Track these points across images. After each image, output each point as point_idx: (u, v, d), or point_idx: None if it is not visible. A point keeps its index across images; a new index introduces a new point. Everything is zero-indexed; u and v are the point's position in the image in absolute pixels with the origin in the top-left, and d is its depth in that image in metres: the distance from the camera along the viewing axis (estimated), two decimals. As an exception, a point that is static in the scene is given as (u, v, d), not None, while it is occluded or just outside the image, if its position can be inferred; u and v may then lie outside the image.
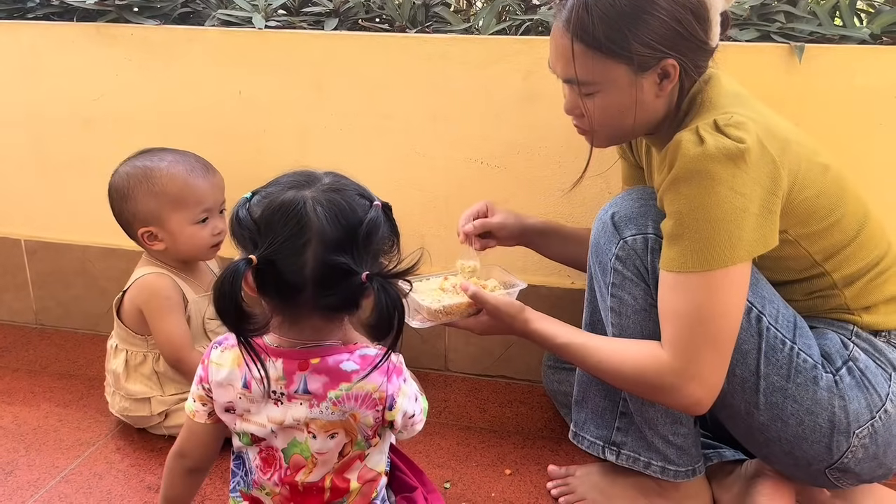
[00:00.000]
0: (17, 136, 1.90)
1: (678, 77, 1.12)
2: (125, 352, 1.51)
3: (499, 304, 1.23)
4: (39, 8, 1.86)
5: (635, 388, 1.18)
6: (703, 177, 1.05)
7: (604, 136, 1.21)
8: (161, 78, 1.76)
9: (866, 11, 1.64)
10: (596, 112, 1.15)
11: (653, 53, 1.09)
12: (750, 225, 1.07)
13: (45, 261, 1.97)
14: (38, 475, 1.42)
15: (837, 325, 1.21)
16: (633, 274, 1.20)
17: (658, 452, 1.27)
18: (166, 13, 1.79)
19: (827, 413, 1.15)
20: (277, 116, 1.73)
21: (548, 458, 1.48)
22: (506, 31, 1.64)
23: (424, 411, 1.07)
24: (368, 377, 0.98)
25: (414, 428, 1.06)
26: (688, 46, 1.10)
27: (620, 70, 1.11)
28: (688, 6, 1.08)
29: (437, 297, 1.30)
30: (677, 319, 1.11)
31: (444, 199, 1.70)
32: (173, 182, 1.44)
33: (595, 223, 1.26)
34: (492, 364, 1.79)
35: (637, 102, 1.13)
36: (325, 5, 1.75)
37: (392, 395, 1.00)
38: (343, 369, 0.99)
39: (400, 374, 1.01)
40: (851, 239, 1.17)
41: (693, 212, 1.07)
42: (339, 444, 1.02)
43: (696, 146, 1.05)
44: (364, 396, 0.99)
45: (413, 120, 1.67)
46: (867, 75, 1.44)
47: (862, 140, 1.47)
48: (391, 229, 0.98)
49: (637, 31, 1.07)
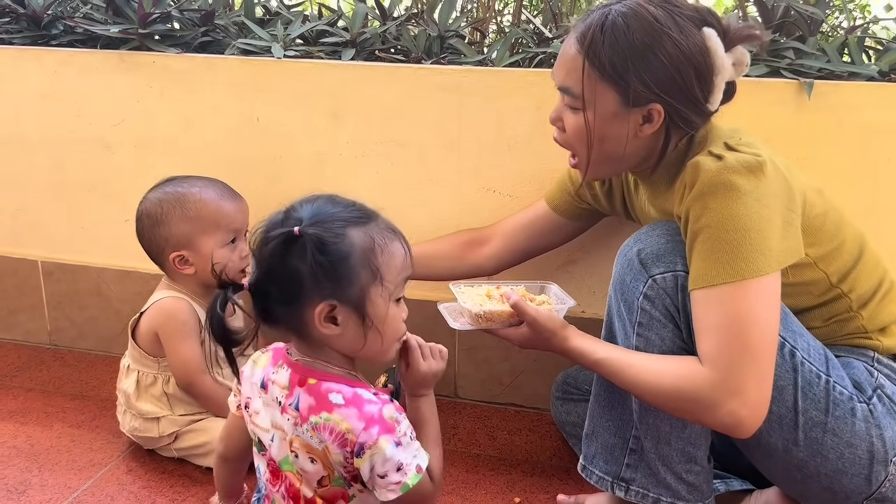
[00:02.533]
0: (38, 159, 1.93)
1: (662, 124, 1.14)
2: (137, 372, 1.53)
3: (539, 317, 1.22)
4: (63, 35, 1.90)
5: (674, 406, 1.14)
6: (729, 188, 1.06)
7: (583, 159, 1.21)
8: (181, 104, 1.80)
9: (875, 49, 1.66)
10: (572, 129, 1.19)
11: (645, 93, 1.11)
12: (776, 235, 1.08)
13: (61, 282, 1.99)
14: (50, 495, 1.43)
15: (858, 351, 1.22)
16: (661, 314, 1.17)
17: (669, 489, 1.25)
18: (187, 42, 1.83)
19: (866, 444, 1.14)
20: (294, 143, 1.76)
21: (557, 487, 1.48)
22: (519, 64, 1.67)
23: (404, 486, 1.00)
24: (347, 417, 0.99)
25: (383, 491, 1.00)
26: (680, 98, 1.12)
27: (611, 97, 1.13)
28: (692, 62, 1.10)
29: (480, 301, 1.31)
30: (713, 332, 1.08)
31: (457, 227, 1.72)
32: (206, 206, 1.47)
33: (618, 259, 1.24)
34: (501, 391, 1.79)
35: (617, 136, 1.16)
36: (342, 36, 1.78)
37: (363, 443, 0.98)
38: (330, 399, 1.00)
39: (385, 431, 0.99)
40: (857, 259, 1.20)
41: (722, 223, 1.07)
42: (318, 472, 1.03)
43: (716, 162, 1.08)
44: (338, 433, 0.99)
45: (427, 149, 1.69)
46: (875, 112, 1.46)
47: (870, 176, 1.49)
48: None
49: (638, 66, 1.10)
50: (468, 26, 2.07)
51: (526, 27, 1.89)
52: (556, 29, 1.78)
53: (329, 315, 1.01)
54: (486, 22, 2.29)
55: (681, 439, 1.21)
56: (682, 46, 1.10)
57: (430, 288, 1.64)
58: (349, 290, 1.00)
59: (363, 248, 1.00)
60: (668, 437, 1.22)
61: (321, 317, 1.00)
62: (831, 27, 2.05)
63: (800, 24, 1.65)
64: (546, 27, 1.78)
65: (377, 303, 1.02)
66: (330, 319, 1.01)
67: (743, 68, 1.15)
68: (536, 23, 1.83)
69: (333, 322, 1.01)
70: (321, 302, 0.99)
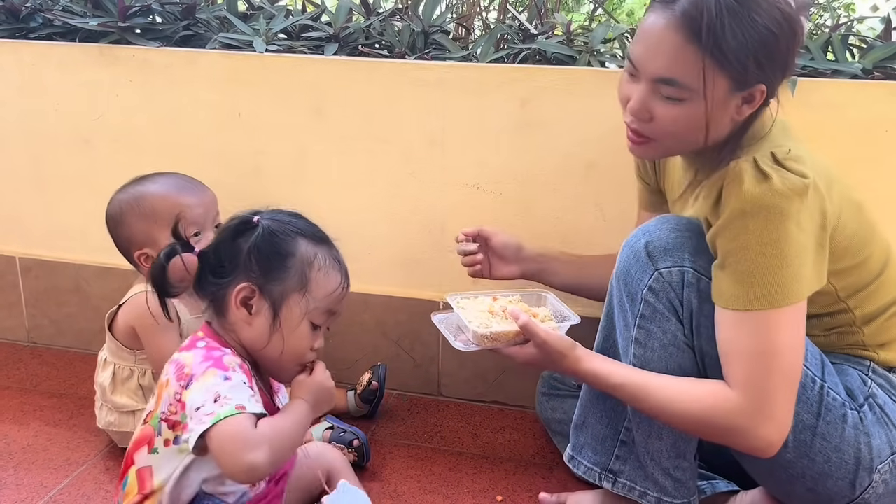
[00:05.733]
0: (16, 154, 1.90)
1: (762, 104, 1.10)
2: (113, 365, 1.53)
3: (549, 339, 1.19)
4: (42, 28, 1.87)
5: (702, 431, 1.15)
6: (773, 212, 1.03)
7: (662, 147, 1.15)
8: (161, 99, 1.78)
9: (858, 47, 1.66)
10: (672, 121, 1.10)
11: (758, 73, 1.05)
12: (810, 261, 1.07)
13: (40, 279, 1.96)
14: (25, 494, 1.41)
15: (854, 360, 1.22)
16: (665, 308, 1.16)
17: (655, 483, 1.25)
18: (168, 35, 1.81)
19: (853, 450, 1.14)
20: (276, 139, 1.74)
21: (539, 485, 1.47)
22: (504, 60, 1.66)
23: (217, 416, 1.00)
24: (194, 355, 1.07)
25: (196, 425, 1.01)
26: (778, 74, 1.08)
27: (723, 84, 1.05)
28: (794, 29, 1.05)
29: (484, 319, 1.27)
30: (746, 359, 1.08)
31: (441, 224, 1.71)
32: (162, 202, 1.46)
33: (624, 250, 1.22)
34: (485, 390, 1.78)
35: (716, 120, 1.09)
36: (325, 31, 1.77)
37: (194, 374, 1.04)
38: (195, 343, 1.10)
39: (217, 366, 1.05)
40: (875, 277, 1.18)
41: (762, 247, 1.04)
42: (150, 409, 1.11)
43: (762, 181, 1.04)
44: (180, 366, 1.07)
45: (410, 145, 1.68)
46: (859, 109, 1.46)
47: (853, 174, 1.48)
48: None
49: (759, 49, 1.03)
50: (453, 22, 2.06)
51: (511, 23, 1.88)
52: (541, 25, 1.77)
53: (246, 299, 1.09)
54: (470, 18, 2.28)
55: (673, 434, 1.21)
56: (786, 13, 1.04)
57: (393, 283, 1.63)
58: (273, 285, 1.09)
59: (304, 256, 1.10)
60: (661, 432, 1.22)
61: (238, 296, 1.09)
62: (816, 25, 2.06)
63: (784, 21, 1.65)
64: (531, 23, 1.77)
65: (293, 310, 1.10)
66: (245, 304, 1.10)
67: (804, 36, 1.11)
68: (521, 19, 1.82)
69: (247, 308, 1.10)
70: (244, 282, 1.08)
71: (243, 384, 1.05)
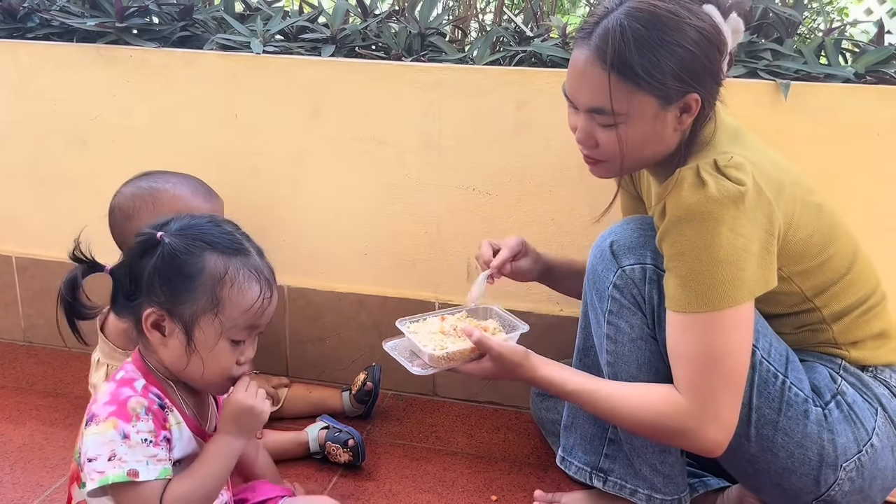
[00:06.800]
0: (13, 153, 1.91)
1: (698, 111, 1.12)
2: (106, 366, 1.52)
3: (503, 350, 1.21)
4: (39, 28, 1.88)
5: (653, 434, 1.18)
6: (706, 218, 1.06)
7: (616, 166, 1.19)
8: (158, 100, 1.78)
9: (851, 51, 1.68)
10: (614, 144, 1.14)
11: (681, 87, 1.09)
12: (752, 265, 1.08)
13: (36, 278, 1.97)
14: (21, 493, 1.41)
15: (826, 358, 1.23)
16: (630, 303, 1.20)
17: (645, 480, 1.27)
18: (165, 36, 1.81)
19: (816, 446, 1.16)
20: (273, 140, 1.75)
21: (534, 485, 1.48)
22: (500, 62, 1.67)
23: (103, 479, 0.96)
24: (105, 390, 1.02)
25: (87, 478, 0.97)
26: (709, 81, 1.11)
27: (648, 102, 1.10)
28: (713, 42, 1.09)
29: (437, 340, 1.28)
30: (690, 362, 1.12)
31: (436, 225, 1.72)
32: (178, 203, 1.45)
33: (593, 250, 1.27)
34: (480, 390, 1.79)
35: (657, 135, 1.13)
36: (322, 32, 1.77)
37: (94, 415, 0.99)
38: (114, 375, 1.06)
39: (119, 416, 0.98)
40: (841, 276, 1.20)
41: (697, 252, 1.08)
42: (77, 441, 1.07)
43: (698, 188, 1.07)
44: (92, 401, 1.03)
45: (406, 146, 1.69)
46: (851, 113, 1.47)
47: (845, 176, 1.50)
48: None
49: (672, 63, 1.07)
50: (449, 24, 2.07)
51: (507, 25, 1.89)
52: (536, 28, 1.78)
53: (156, 323, 1.03)
54: (467, 20, 2.30)
55: None
56: (701, 30, 1.07)
57: (388, 284, 1.63)
58: (181, 308, 1.02)
59: (213, 274, 1.02)
60: None
61: (147, 321, 1.03)
62: (809, 29, 2.07)
63: (777, 25, 1.66)
64: (527, 26, 1.78)
65: (207, 331, 1.03)
66: (156, 327, 1.04)
67: (739, 36, 1.13)
68: (518, 21, 1.83)
69: (160, 331, 1.04)
70: (151, 307, 1.03)
71: (143, 442, 0.98)
